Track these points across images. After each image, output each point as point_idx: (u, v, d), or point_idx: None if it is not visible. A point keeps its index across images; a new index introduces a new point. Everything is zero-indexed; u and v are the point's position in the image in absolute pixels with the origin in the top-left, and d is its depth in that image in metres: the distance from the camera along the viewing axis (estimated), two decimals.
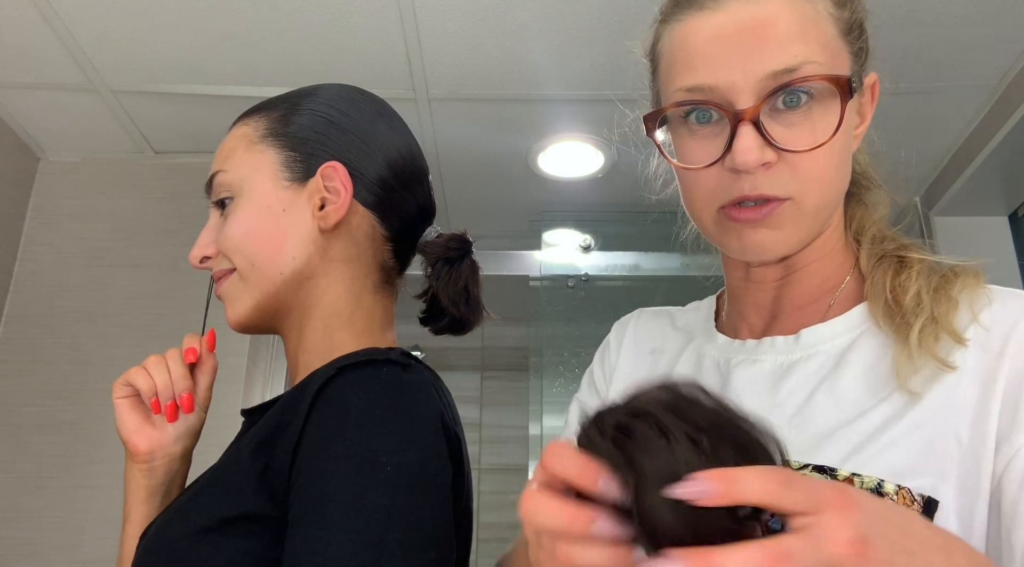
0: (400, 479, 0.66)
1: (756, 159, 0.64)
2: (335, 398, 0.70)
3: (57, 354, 2.21)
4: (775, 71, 0.65)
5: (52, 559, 2.05)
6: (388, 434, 0.68)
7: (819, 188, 0.67)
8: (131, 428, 0.88)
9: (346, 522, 0.63)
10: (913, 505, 0.59)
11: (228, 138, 0.89)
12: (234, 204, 0.85)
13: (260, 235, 0.83)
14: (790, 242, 0.69)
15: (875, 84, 0.73)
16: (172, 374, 0.89)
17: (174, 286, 2.28)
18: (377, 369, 0.73)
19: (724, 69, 0.66)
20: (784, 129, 0.66)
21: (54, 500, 2.09)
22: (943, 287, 0.66)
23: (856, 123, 0.72)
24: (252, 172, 0.85)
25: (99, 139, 2.36)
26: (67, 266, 2.30)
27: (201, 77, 2.08)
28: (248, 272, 0.83)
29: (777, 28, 0.65)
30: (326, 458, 0.67)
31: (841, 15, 0.69)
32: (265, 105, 0.90)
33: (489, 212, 2.76)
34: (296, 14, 1.88)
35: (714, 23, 0.67)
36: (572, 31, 1.93)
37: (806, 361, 0.70)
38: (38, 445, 2.13)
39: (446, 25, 1.91)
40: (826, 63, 0.66)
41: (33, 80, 2.10)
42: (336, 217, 0.83)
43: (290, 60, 2.02)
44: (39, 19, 1.88)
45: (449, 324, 0.90)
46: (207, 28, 1.92)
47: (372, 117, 0.89)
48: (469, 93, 2.16)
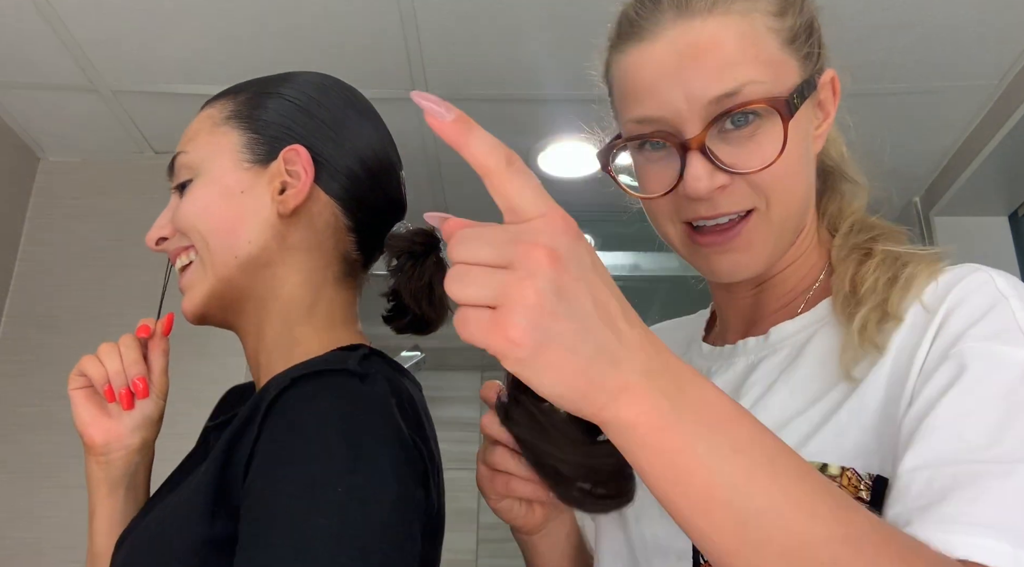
0: (351, 502, 0.63)
1: (707, 186, 0.66)
2: (287, 411, 0.67)
3: (57, 354, 2.21)
4: (717, 96, 0.65)
5: (52, 559, 2.05)
6: (340, 453, 0.64)
7: (782, 196, 0.68)
8: (85, 420, 0.86)
9: (293, 546, 0.61)
10: (861, 485, 0.60)
11: (194, 121, 0.87)
12: (193, 184, 0.82)
13: (216, 215, 0.80)
14: (759, 260, 0.70)
15: (834, 80, 0.73)
16: (124, 360, 0.86)
17: (174, 286, 2.28)
18: (331, 380, 0.69)
19: (668, 99, 0.67)
20: (734, 149, 0.67)
21: (54, 500, 2.09)
22: (898, 275, 0.67)
23: (816, 122, 0.73)
24: (213, 153, 0.83)
25: (99, 139, 2.36)
26: (67, 266, 2.30)
27: (201, 77, 2.08)
28: (203, 251, 0.80)
29: (715, 52, 0.66)
30: (276, 476, 0.64)
31: (783, 25, 0.69)
32: (234, 88, 0.88)
33: (489, 212, 2.74)
34: (296, 14, 1.88)
35: (654, 53, 0.68)
36: (572, 31, 1.93)
37: (771, 356, 0.72)
38: (38, 445, 2.13)
39: (446, 25, 1.91)
40: (768, 80, 0.67)
41: (33, 80, 2.10)
42: (295, 202, 0.80)
43: (290, 60, 2.02)
44: (39, 19, 1.88)
45: (411, 323, 0.86)
46: (207, 28, 1.92)
47: (343, 106, 0.87)
48: (469, 93, 2.16)
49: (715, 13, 0.67)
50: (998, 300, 0.61)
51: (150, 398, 0.87)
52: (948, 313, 0.62)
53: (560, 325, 0.43)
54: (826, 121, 0.73)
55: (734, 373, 0.74)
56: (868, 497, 0.59)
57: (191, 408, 0.93)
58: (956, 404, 0.56)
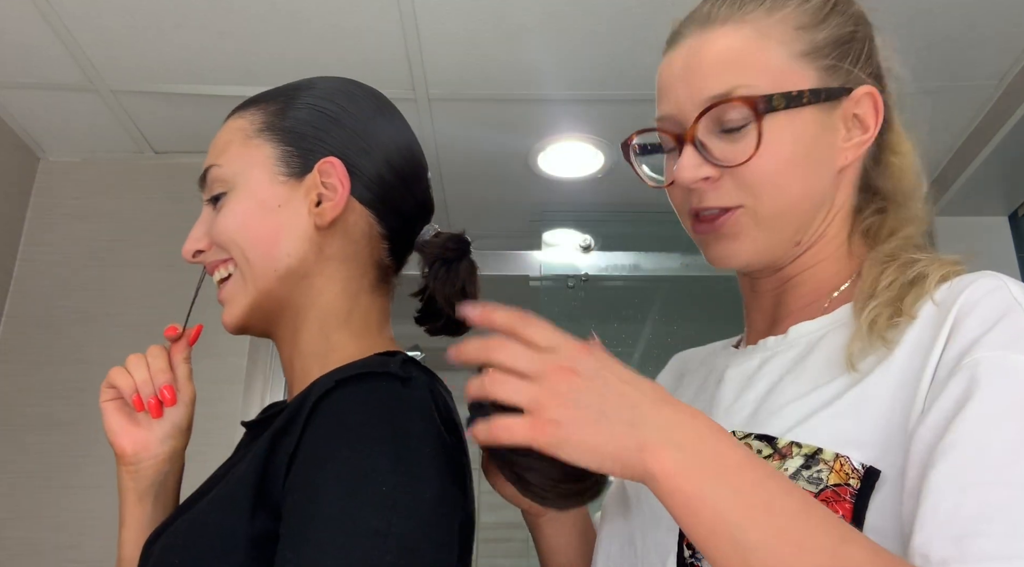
0: (397, 501, 0.64)
1: (692, 176, 0.73)
2: (332, 413, 0.69)
3: (57, 354, 2.21)
4: (711, 96, 0.72)
5: (52, 559, 2.05)
6: (385, 453, 0.66)
7: (771, 194, 0.72)
8: (116, 430, 0.87)
9: (338, 543, 0.62)
10: (853, 473, 0.61)
11: (223, 131, 0.87)
12: (228, 197, 0.83)
13: (255, 230, 0.81)
14: (750, 250, 0.74)
15: (872, 95, 0.75)
16: (151, 369, 0.87)
17: (174, 286, 2.28)
18: (376, 383, 0.71)
19: (676, 98, 0.75)
20: (727, 145, 0.72)
21: (54, 500, 2.09)
22: (912, 275, 0.69)
23: (843, 134, 0.75)
24: (247, 167, 0.83)
25: (99, 139, 2.36)
26: (67, 266, 2.30)
27: (201, 77, 2.08)
28: (243, 265, 0.81)
29: (715, 57, 0.74)
30: (321, 476, 0.65)
31: (803, 36, 0.74)
32: (261, 98, 0.88)
33: (489, 212, 2.76)
34: (296, 14, 1.88)
35: (674, 57, 0.77)
36: (572, 31, 1.93)
37: (786, 352, 0.74)
38: (38, 445, 2.13)
39: (446, 25, 1.91)
40: (763, 85, 0.72)
41: (33, 80, 2.10)
42: (332, 214, 0.81)
43: (290, 60, 2.02)
44: (39, 19, 1.88)
45: (445, 325, 0.89)
46: (207, 28, 1.92)
47: (371, 112, 0.87)
48: (469, 93, 2.16)
49: (729, 23, 0.75)
50: (1011, 307, 0.61)
51: (178, 406, 0.88)
52: (960, 317, 0.62)
53: (580, 412, 0.58)
54: (864, 136, 0.75)
55: (748, 367, 0.76)
56: (858, 486, 0.60)
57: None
58: (976, 415, 0.56)
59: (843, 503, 0.60)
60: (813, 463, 0.62)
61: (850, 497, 0.60)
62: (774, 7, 0.75)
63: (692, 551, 0.68)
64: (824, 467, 0.62)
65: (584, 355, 0.61)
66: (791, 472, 0.63)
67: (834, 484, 0.61)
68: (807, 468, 0.62)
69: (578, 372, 0.59)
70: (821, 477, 0.62)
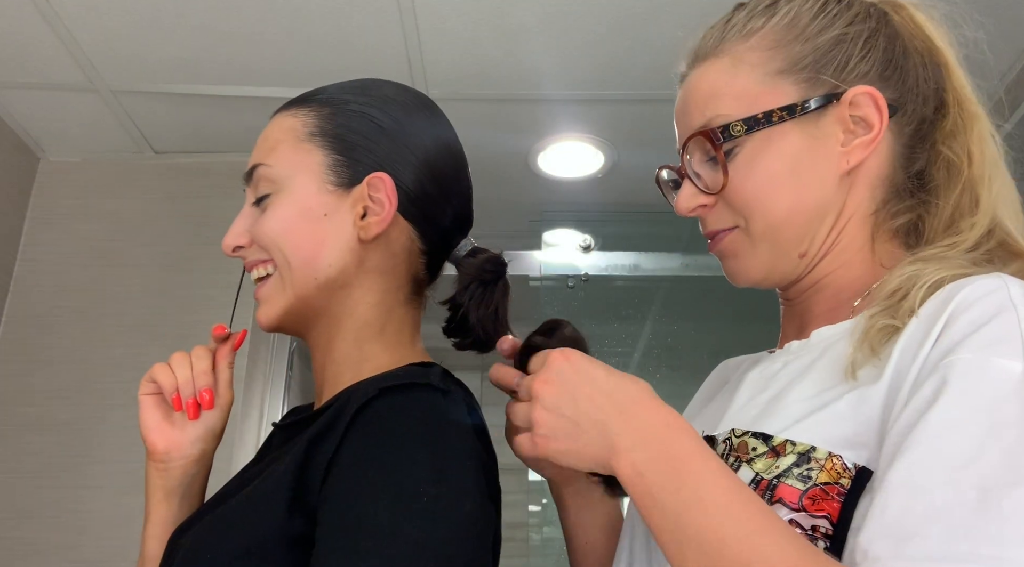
0: (437, 512, 0.65)
1: (686, 206, 0.79)
2: (375, 420, 0.69)
3: (57, 354, 2.21)
4: (695, 131, 0.77)
5: (52, 559, 2.05)
6: (427, 464, 0.67)
7: (758, 213, 0.75)
8: (150, 425, 0.86)
9: (380, 550, 0.62)
10: (845, 473, 0.61)
11: (271, 129, 0.86)
12: (274, 198, 0.82)
13: (299, 235, 0.81)
14: (755, 266, 0.78)
15: (871, 95, 0.74)
16: (195, 369, 0.86)
17: (174, 286, 2.28)
18: (419, 394, 0.72)
19: (679, 135, 0.81)
20: (713, 173, 0.77)
21: (54, 500, 2.09)
22: (918, 279, 0.67)
23: (842, 138, 0.74)
24: (297, 171, 0.83)
25: (99, 139, 2.36)
26: (67, 266, 2.30)
27: (201, 77, 2.08)
28: (284, 270, 0.82)
29: (696, 93, 0.79)
30: (362, 482, 0.66)
31: (777, 55, 0.76)
32: (313, 98, 0.87)
33: (489, 212, 2.74)
34: (296, 14, 1.88)
35: (678, 96, 0.83)
36: (572, 31, 1.93)
37: (804, 355, 0.74)
38: (38, 445, 2.13)
39: (446, 25, 1.91)
40: (735, 112, 0.75)
41: (33, 80, 2.10)
42: (378, 229, 0.81)
43: (290, 60, 2.02)
44: (39, 19, 1.88)
45: (474, 343, 0.90)
46: (207, 28, 1.92)
47: (423, 125, 0.87)
48: (469, 93, 2.16)
49: (709, 58, 0.79)
50: (1004, 308, 0.60)
51: (214, 410, 0.88)
52: (953, 316, 0.61)
53: (564, 424, 0.66)
54: (870, 134, 0.74)
55: (771, 369, 0.76)
56: (849, 485, 0.61)
57: None
58: (940, 418, 0.56)
59: (831, 501, 0.61)
60: (804, 461, 0.63)
61: (838, 496, 0.61)
62: (749, 32, 0.78)
63: None
64: (815, 465, 0.62)
65: (562, 363, 0.68)
66: (782, 469, 0.63)
67: (823, 482, 0.61)
68: (798, 466, 0.63)
69: (556, 382, 0.67)
70: (811, 475, 0.62)
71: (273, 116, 0.88)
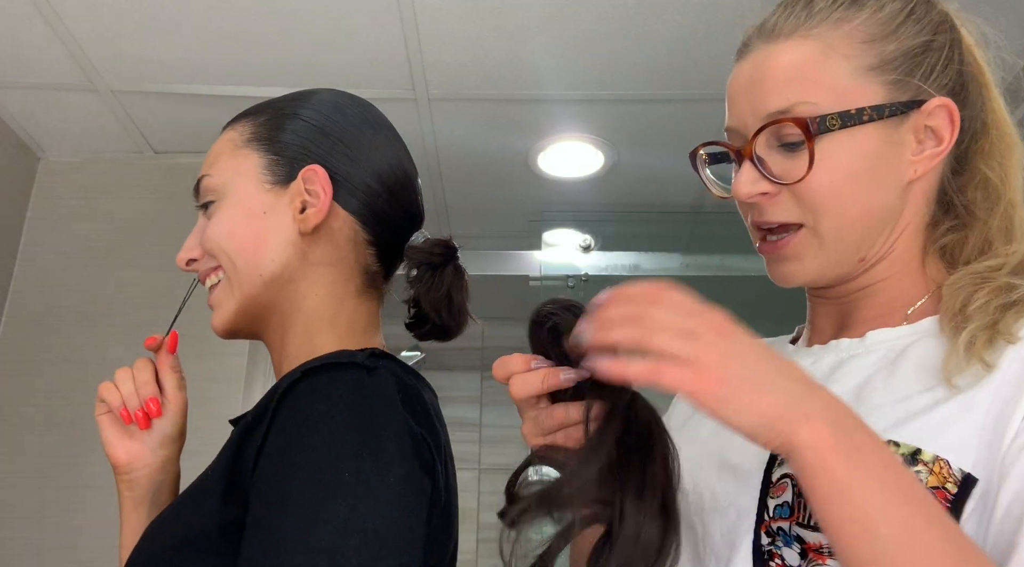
0: (358, 487, 0.65)
1: (747, 192, 0.73)
2: (297, 403, 0.70)
3: (57, 354, 2.21)
4: (771, 112, 0.72)
5: (52, 559, 2.05)
6: (348, 441, 0.67)
7: (831, 212, 0.72)
8: (111, 441, 0.90)
9: (302, 529, 0.63)
10: (951, 478, 0.61)
11: (216, 143, 0.90)
12: (216, 206, 0.86)
13: (241, 236, 0.84)
14: (813, 269, 0.74)
15: (947, 108, 0.74)
16: (136, 381, 0.90)
17: (174, 286, 2.27)
18: (340, 373, 0.72)
19: (740, 113, 0.75)
20: (785, 161, 0.72)
21: (54, 500, 2.09)
22: (1013, 299, 0.68)
23: (914, 148, 0.74)
24: (235, 176, 0.86)
25: (99, 139, 2.36)
26: (67, 266, 2.30)
27: (201, 77, 2.08)
28: (231, 272, 0.84)
29: (778, 72, 0.73)
30: (285, 465, 0.67)
31: (870, 50, 0.73)
32: (253, 110, 0.91)
33: (489, 212, 2.76)
34: (296, 14, 1.88)
35: (741, 70, 0.77)
36: (572, 31, 1.93)
37: (865, 355, 0.73)
38: (38, 445, 2.13)
39: (446, 25, 1.91)
40: (824, 102, 0.71)
41: (33, 80, 2.10)
42: (315, 220, 0.83)
43: (290, 60, 2.02)
44: (39, 19, 1.88)
45: (432, 330, 0.90)
46: (207, 28, 1.92)
47: (359, 123, 0.89)
48: (469, 93, 2.16)
49: (793, 37, 0.74)
50: None
51: (166, 416, 0.91)
52: None
53: (745, 373, 0.57)
54: (937, 148, 0.74)
55: (821, 366, 0.75)
56: (955, 491, 0.61)
57: (192, 407, 0.94)
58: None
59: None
60: (912, 464, 0.62)
61: (945, 501, 0.61)
62: (842, 20, 0.74)
63: (771, 539, 0.67)
64: (923, 468, 0.62)
65: (734, 323, 0.60)
66: None
67: (932, 486, 0.61)
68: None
69: (734, 336, 0.59)
70: (920, 478, 0.62)
71: (219, 134, 0.91)
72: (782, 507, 0.68)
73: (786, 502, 0.68)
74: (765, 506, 0.69)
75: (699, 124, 2.23)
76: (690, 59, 2.01)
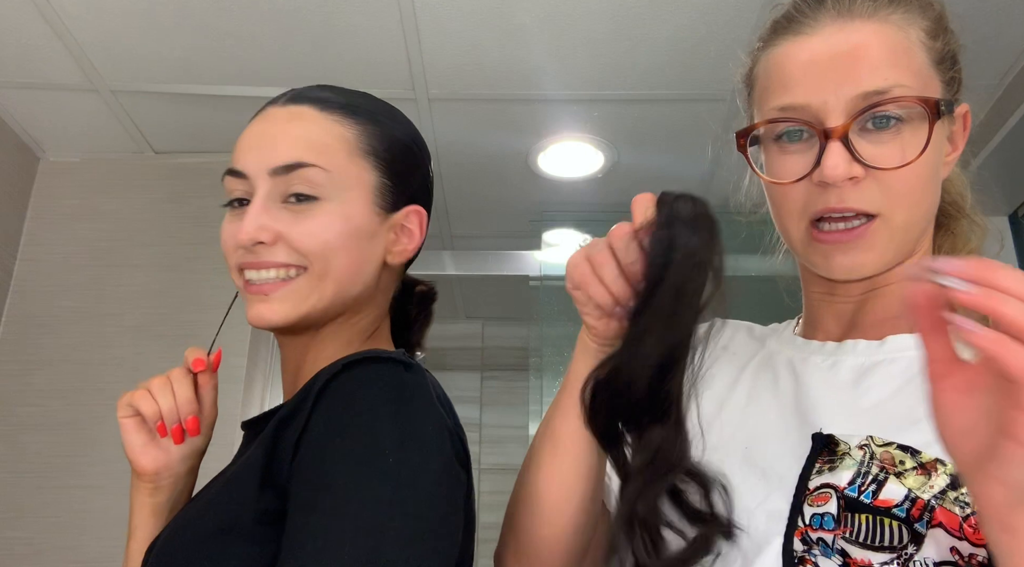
0: (402, 472, 0.67)
1: (843, 173, 0.69)
2: (340, 392, 0.71)
3: (57, 354, 2.21)
4: (866, 92, 0.69)
5: (52, 559, 2.05)
6: (391, 428, 0.69)
7: (907, 205, 0.71)
8: (136, 448, 0.87)
9: (347, 508, 0.64)
10: None
11: (313, 127, 0.83)
12: (321, 206, 0.80)
13: (347, 254, 0.81)
14: (879, 261, 0.72)
15: (966, 115, 0.75)
16: (177, 397, 0.86)
17: (174, 286, 2.28)
18: (381, 366, 0.74)
19: (817, 90, 0.70)
20: (873, 147, 0.69)
21: (54, 500, 2.09)
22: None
23: (947, 150, 0.75)
24: (351, 185, 0.82)
25: (99, 139, 2.36)
26: (67, 266, 2.30)
27: (201, 77, 2.08)
28: (318, 280, 0.81)
29: (869, 53, 0.70)
30: (330, 450, 0.68)
31: (933, 45, 0.73)
32: (363, 111, 0.87)
33: (489, 212, 2.76)
34: (296, 14, 1.88)
35: (809, 47, 0.72)
36: (572, 31, 1.93)
37: (889, 364, 0.72)
38: (38, 445, 2.13)
39: (446, 25, 1.91)
40: (916, 88, 0.70)
41: (33, 80, 2.10)
42: (406, 258, 0.87)
43: (290, 60, 2.02)
44: (39, 19, 1.88)
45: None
46: (207, 28, 1.92)
47: (427, 158, 0.93)
48: (469, 93, 2.16)
49: (874, 19, 0.72)
50: None
51: (201, 433, 0.89)
52: None
53: None
54: (953, 153, 0.75)
55: (844, 369, 0.74)
56: None
57: None
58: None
59: None
60: (960, 484, 0.61)
61: None
62: (909, 11, 0.73)
63: (808, 546, 0.65)
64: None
65: None
66: (937, 490, 0.61)
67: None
68: (953, 488, 0.61)
69: None
70: (968, 501, 0.60)
71: (291, 103, 0.85)
72: (824, 517, 0.65)
73: (829, 513, 0.65)
74: (800, 512, 0.67)
75: (699, 124, 2.23)
76: (690, 59, 2.01)
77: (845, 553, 0.63)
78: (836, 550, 0.64)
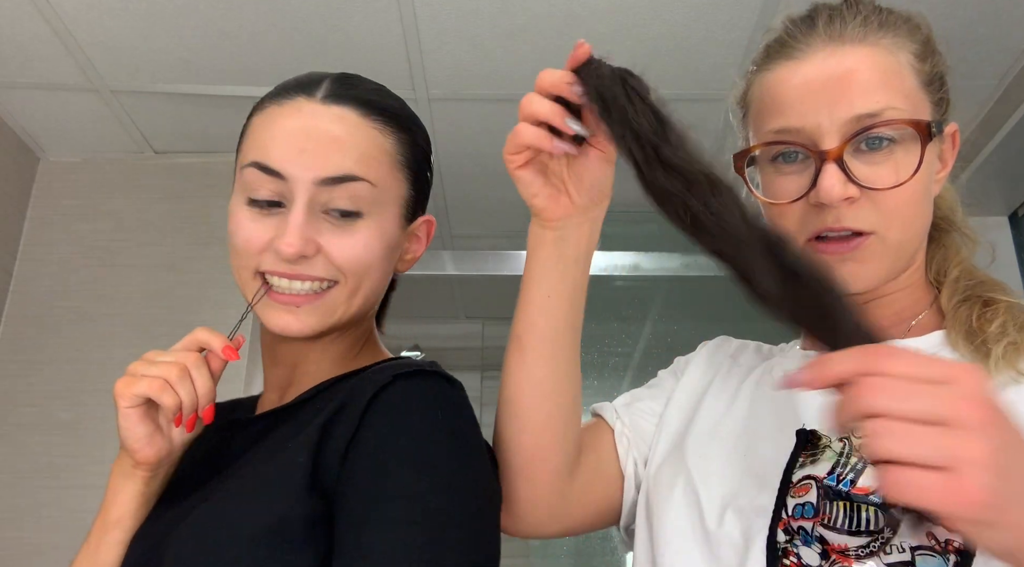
0: (456, 484, 0.69)
1: (839, 193, 0.70)
2: (392, 402, 0.72)
3: (57, 354, 2.21)
4: (859, 115, 0.71)
5: (52, 559, 2.05)
6: (443, 441, 0.71)
7: (901, 223, 0.73)
8: (141, 439, 0.80)
9: (407, 519, 0.65)
10: None
11: (360, 136, 0.81)
12: (363, 224, 0.80)
13: (378, 269, 0.83)
14: (874, 276, 0.74)
15: (955, 133, 0.78)
16: (198, 387, 0.80)
17: (174, 286, 2.28)
18: (431, 380, 0.75)
19: (811, 113, 0.72)
20: (867, 168, 0.71)
21: (54, 500, 2.09)
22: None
23: (937, 168, 0.77)
24: (390, 199, 0.83)
25: (99, 139, 2.36)
26: (67, 266, 2.30)
27: (201, 77, 2.08)
28: (349, 294, 0.81)
29: (861, 76, 0.72)
30: (384, 459, 0.69)
31: (922, 68, 0.76)
32: (391, 116, 0.85)
33: (489, 212, 2.76)
34: (296, 14, 1.88)
35: (803, 72, 0.74)
36: (572, 31, 1.93)
37: None
38: (38, 445, 2.13)
39: (446, 25, 1.91)
40: (907, 109, 0.72)
41: (33, 80, 2.10)
42: (412, 264, 0.90)
43: (290, 60, 2.02)
44: (39, 19, 1.88)
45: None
46: (207, 28, 1.92)
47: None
48: (469, 93, 2.16)
49: (865, 44, 0.74)
50: None
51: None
52: None
53: (1014, 484, 0.43)
54: (943, 170, 0.78)
55: None
56: None
57: None
58: None
59: None
60: None
61: None
62: (898, 35, 0.76)
63: (790, 537, 0.68)
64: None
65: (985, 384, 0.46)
66: None
67: None
68: None
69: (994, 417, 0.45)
70: None
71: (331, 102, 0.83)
72: (804, 507, 0.68)
73: (810, 503, 0.68)
74: (784, 505, 0.70)
75: (699, 124, 2.23)
76: (690, 59, 2.01)
77: (824, 540, 0.66)
78: (815, 537, 0.66)
